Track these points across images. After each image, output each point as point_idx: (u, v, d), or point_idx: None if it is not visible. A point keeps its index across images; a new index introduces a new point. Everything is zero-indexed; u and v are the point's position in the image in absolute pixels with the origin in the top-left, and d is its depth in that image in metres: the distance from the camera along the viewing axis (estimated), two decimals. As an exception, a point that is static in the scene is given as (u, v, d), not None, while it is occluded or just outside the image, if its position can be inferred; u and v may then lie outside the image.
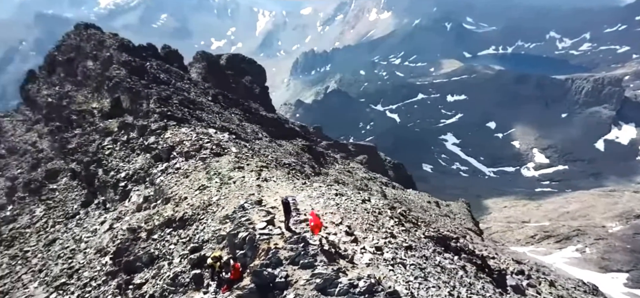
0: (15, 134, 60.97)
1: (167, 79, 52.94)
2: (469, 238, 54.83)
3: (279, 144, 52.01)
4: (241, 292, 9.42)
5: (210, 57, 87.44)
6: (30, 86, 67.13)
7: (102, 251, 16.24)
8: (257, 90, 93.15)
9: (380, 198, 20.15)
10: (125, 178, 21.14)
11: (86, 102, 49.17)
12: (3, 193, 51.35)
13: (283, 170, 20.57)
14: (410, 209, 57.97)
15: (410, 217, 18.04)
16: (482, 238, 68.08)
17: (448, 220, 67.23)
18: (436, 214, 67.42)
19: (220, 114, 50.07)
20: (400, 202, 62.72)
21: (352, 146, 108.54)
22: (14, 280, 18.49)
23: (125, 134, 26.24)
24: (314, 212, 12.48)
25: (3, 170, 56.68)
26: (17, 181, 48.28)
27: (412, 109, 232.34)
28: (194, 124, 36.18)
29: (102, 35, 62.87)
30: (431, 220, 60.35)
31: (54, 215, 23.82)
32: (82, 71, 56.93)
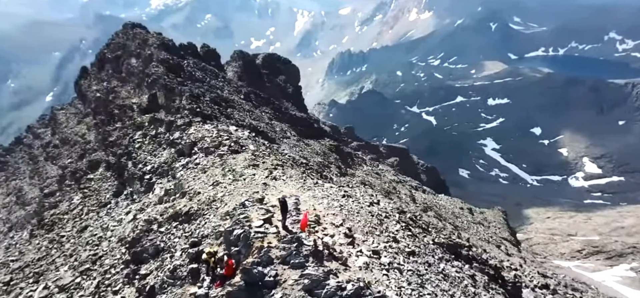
0: (68, 125, 66.00)
1: (202, 76, 55.11)
2: (504, 249, 52.34)
3: (306, 143, 52.47)
4: (231, 288, 9.69)
5: (247, 56, 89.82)
6: (83, 81, 72.22)
7: (123, 240, 17.31)
8: (290, 90, 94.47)
9: (389, 202, 19.78)
10: (150, 171, 22.34)
11: (128, 98, 52.32)
12: (54, 180, 55.90)
13: (298, 170, 20.79)
14: (438, 212, 56.30)
15: (421, 222, 17.57)
16: (518, 249, 64.68)
17: (481, 228, 64.53)
18: (468, 221, 64.94)
19: (250, 112, 51.37)
20: (430, 207, 61.17)
21: (384, 148, 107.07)
22: (48, 262, 20.23)
23: (154, 129, 27.75)
24: (307, 212, 12.57)
25: (56, 159, 61.68)
26: (66, 170, 52.39)
27: (450, 111, 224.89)
28: (222, 121, 37.43)
29: (146, 35, 66.53)
30: (463, 226, 58.28)
31: (88, 203, 25.73)
32: (127, 68, 60.58)
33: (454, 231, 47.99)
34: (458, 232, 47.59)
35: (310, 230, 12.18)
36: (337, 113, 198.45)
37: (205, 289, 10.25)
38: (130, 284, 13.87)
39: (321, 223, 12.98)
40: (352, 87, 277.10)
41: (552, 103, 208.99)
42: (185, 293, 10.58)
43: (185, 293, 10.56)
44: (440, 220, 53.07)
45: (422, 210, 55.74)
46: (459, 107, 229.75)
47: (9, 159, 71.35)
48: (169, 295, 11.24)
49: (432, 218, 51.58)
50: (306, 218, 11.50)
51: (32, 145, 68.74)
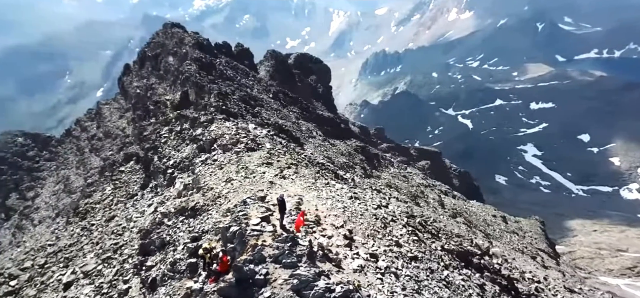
0: (111, 119, 70.20)
1: (233, 75, 56.70)
2: (540, 260, 49.52)
3: (332, 143, 52.49)
4: (223, 284, 9.92)
5: (279, 56, 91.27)
6: (125, 78, 76.41)
7: (142, 231, 18.22)
8: (320, 89, 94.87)
9: (399, 206, 19.27)
10: (173, 166, 23.32)
11: (164, 94, 54.87)
12: (96, 171, 59.68)
13: (312, 169, 20.85)
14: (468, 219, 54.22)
15: (431, 228, 17.02)
16: (557, 262, 60.96)
17: (515, 237, 61.52)
18: (501, 230, 62.17)
19: (278, 111, 52.18)
20: (459, 213, 59.19)
21: (415, 150, 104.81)
22: (78, 248, 21.74)
23: (180, 125, 28.93)
24: (304, 212, 12.56)
25: (99, 151, 65.86)
26: (106, 161, 55.82)
27: (488, 115, 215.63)
28: (248, 119, 38.29)
29: (182, 34, 69.40)
30: (495, 235, 55.85)
31: (118, 194, 27.32)
32: (164, 66, 63.52)
33: (485, 239, 46.12)
34: (489, 240, 45.69)
35: (308, 230, 12.20)
36: (368, 114, 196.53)
37: (200, 284, 10.55)
38: (137, 275, 14.55)
39: (321, 223, 12.96)
40: (385, 87, 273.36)
41: (603, 109, 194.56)
42: (182, 287, 10.95)
43: (183, 286, 10.94)
44: (470, 227, 51.18)
45: (450, 215, 54.05)
46: (498, 110, 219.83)
47: (60, 150, 77.09)
48: (168, 287, 11.69)
49: (461, 224, 49.92)
50: (299, 220, 11.53)
51: (79, 137, 73.83)
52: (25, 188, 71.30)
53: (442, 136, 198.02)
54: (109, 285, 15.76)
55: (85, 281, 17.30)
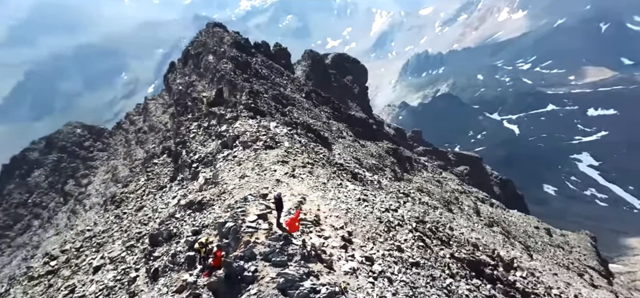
0: (155, 114, 74.49)
1: (267, 74, 57.90)
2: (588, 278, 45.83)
3: (362, 144, 51.97)
4: (213, 279, 10.20)
5: (316, 56, 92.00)
6: (170, 75, 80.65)
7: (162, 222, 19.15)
8: (356, 90, 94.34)
9: (409, 210, 18.54)
10: (198, 160, 24.33)
11: (202, 91, 57.31)
12: (139, 162, 63.62)
13: (328, 170, 20.80)
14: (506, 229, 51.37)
15: (442, 234, 16.28)
16: (609, 282, 56.09)
17: (560, 252, 57.44)
18: (544, 242, 58.30)
19: (309, 110, 52.58)
20: (497, 222, 56.38)
21: (453, 155, 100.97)
22: (109, 235, 23.38)
23: (207, 121, 30.08)
24: (299, 211, 12.54)
25: (143, 143, 70.21)
26: (148, 153, 59.34)
27: (538, 121, 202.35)
28: (276, 117, 38.94)
29: (222, 33, 72.03)
30: (536, 247, 52.54)
31: (150, 185, 28.99)
32: (204, 64, 66.30)
33: (524, 251, 43.45)
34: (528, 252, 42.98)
35: (305, 230, 12.20)
36: (407, 116, 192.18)
37: (195, 277, 10.91)
38: (146, 264, 15.32)
39: (320, 224, 12.91)
40: (426, 89, 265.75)
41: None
42: (179, 279, 11.37)
43: (179, 278, 11.36)
44: (508, 238, 48.57)
45: (485, 224, 51.63)
46: (549, 116, 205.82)
47: (111, 141, 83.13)
48: (167, 278, 12.22)
49: (497, 234, 47.53)
50: (296, 218, 11.55)
51: (128, 130, 79.16)
52: (81, 175, 77.64)
53: (485, 141, 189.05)
54: (123, 272, 16.79)
55: (110, 266, 18.55)
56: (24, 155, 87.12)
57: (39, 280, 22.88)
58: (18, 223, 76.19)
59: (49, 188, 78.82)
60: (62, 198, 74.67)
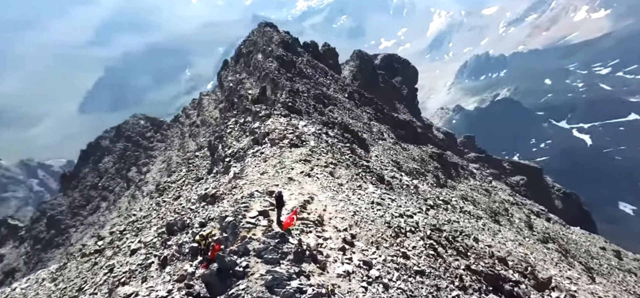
0: (208, 109, 78.80)
1: (311, 73, 58.57)
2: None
3: (403, 147, 50.55)
4: (206, 271, 10.58)
5: (365, 56, 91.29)
6: (223, 72, 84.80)
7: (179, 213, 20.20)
8: (404, 91, 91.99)
9: (426, 217, 17.49)
10: (230, 155, 25.33)
11: (249, 89, 59.54)
12: (192, 155, 67.59)
13: (351, 171, 20.53)
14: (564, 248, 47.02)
15: (460, 244, 15.20)
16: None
17: (631, 278, 51.35)
18: (611, 266, 52.49)
19: (350, 111, 52.30)
20: (553, 239, 52.09)
21: (509, 164, 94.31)
22: (148, 221, 25.25)
23: (244, 117, 31.15)
24: (296, 211, 12.48)
25: (195, 136, 74.60)
26: (198, 146, 62.92)
27: (616, 131, 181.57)
28: (314, 117, 39.27)
29: (272, 33, 74.15)
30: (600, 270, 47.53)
31: (189, 176, 30.76)
32: (253, 62, 68.79)
33: (585, 273, 39.46)
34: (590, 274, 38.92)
35: (305, 230, 12.18)
36: (461, 120, 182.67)
37: (194, 268, 11.38)
38: (163, 251, 16.24)
39: (324, 224, 12.80)
40: (484, 93, 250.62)
41: None
42: (181, 269, 11.93)
43: (181, 268, 11.91)
44: (565, 257, 44.60)
45: (539, 240, 47.82)
46: (631, 126, 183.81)
47: (169, 133, 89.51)
48: (172, 267, 12.87)
49: (552, 252, 43.88)
50: (292, 217, 11.56)
51: (183, 123, 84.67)
52: (142, 163, 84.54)
53: (549, 151, 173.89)
54: (145, 257, 18.02)
55: (144, 251, 20.01)
56: (98, 142, 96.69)
57: (88, 258, 25.46)
58: (89, 204, 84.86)
59: (116, 173, 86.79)
60: (125, 184, 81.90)
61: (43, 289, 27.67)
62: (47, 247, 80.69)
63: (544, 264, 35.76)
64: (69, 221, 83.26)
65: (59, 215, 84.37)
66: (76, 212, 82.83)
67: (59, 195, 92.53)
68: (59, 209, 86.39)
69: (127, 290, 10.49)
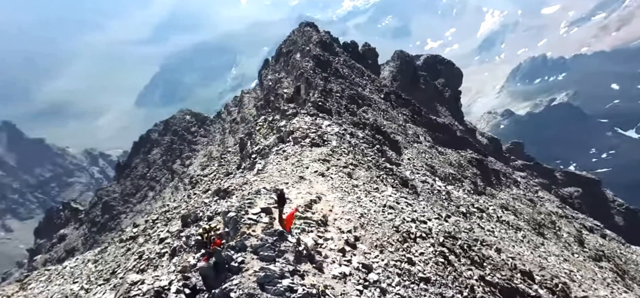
0: (248, 106, 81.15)
1: (347, 73, 58.19)
2: None
3: (440, 151, 48.68)
4: (204, 264, 10.82)
5: (406, 57, 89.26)
6: (263, 71, 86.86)
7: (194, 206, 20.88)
8: (447, 94, 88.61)
9: (441, 224, 16.46)
10: (256, 152, 25.87)
11: (286, 88, 60.47)
12: (223, 151, 69.74)
13: (371, 173, 20.06)
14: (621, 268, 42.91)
15: (476, 254, 14.17)
16: None
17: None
18: (676, 292, 47.16)
19: (384, 112, 51.30)
20: (608, 257, 48.01)
21: (562, 174, 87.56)
22: (177, 212, 26.49)
23: (272, 115, 31.63)
24: (295, 209, 12.32)
25: (235, 133, 77.10)
26: (236, 143, 64.75)
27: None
28: (344, 117, 39.00)
29: (312, 33, 74.67)
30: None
31: (220, 171, 31.83)
32: (292, 62, 69.77)
33: None
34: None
35: (307, 229, 12.05)
36: (510, 125, 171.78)
37: (195, 260, 11.67)
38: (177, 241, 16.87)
39: (327, 225, 12.59)
40: (538, 97, 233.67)
41: None
42: (185, 260, 12.30)
43: (185, 260, 12.27)
44: (621, 277, 40.81)
45: (590, 257, 44.11)
46: None
47: (211, 129, 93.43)
48: (178, 258, 13.31)
49: (606, 271, 40.36)
50: (291, 217, 11.47)
51: (224, 120, 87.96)
52: (185, 157, 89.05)
53: (612, 162, 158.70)
54: (163, 246, 18.86)
55: (169, 240, 21.03)
56: (149, 135, 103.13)
57: (124, 244, 27.30)
58: (138, 192, 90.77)
59: (162, 165, 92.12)
60: (169, 175, 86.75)
61: (86, 269, 29.94)
62: (101, 230, 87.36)
63: (593, 284, 32.68)
64: (121, 207, 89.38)
65: (112, 202, 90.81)
66: (127, 199, 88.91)
67: (114, 183, 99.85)
68: (113, 196, 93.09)
69: (134, 278, 10.99)
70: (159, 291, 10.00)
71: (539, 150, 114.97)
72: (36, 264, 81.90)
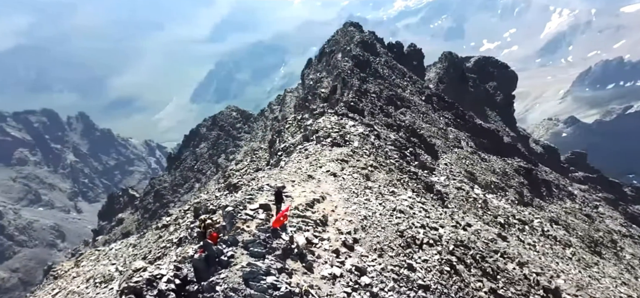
0: (289, 105, 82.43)
1: (387, 74, 56.87)
2: None
3: (482, 158, 45.83)
4: (197, 256, 11.03)
5: (455, 58, 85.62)
6: (306, 70, 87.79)
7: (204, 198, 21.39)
8: (498, 98, 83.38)
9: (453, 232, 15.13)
10: (282, 149, 26.13)
11: (325, 87, 60.57)
12: (256, 147, 71.07)
13: (391, 175, 19.29)
14: None
15: (489, 266, 12.89)
16: None
17: None
18: None
19: (424, 115, 49.40)
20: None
21: (633, 189, 78.38)
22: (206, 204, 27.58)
23: (302, 114, 31.70)
24: (287, 208, 12.04)
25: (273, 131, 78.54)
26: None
27: None
28: (378, 118, 38.14)
29: (354, 32, 74.07)
30: None
31: (251, 166, 32.55)
32: (333, 62, 69.76)
33: None
34: None
35: (302, 227, 11.83)
36: (573, 133, 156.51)
37: (192, 251, 11.93)
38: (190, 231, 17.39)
39: (327, 225, 12.25)
40: (609, 104, 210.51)
41: None
42: (185, 251, 12.63)
43: (186, 251, 12.60)
44: None
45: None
46: None
47: (255, 126, 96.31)
48: (182, 249, 13.65)
49: None
50: (282, 215, 11.30)
51: (267, 117, 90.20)
52: (229, 151, 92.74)
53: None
54: (176, 236, 19.58)
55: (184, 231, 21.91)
56: (198, 129, 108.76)
57: (157, 231, 29.00)
58: (186, 183, 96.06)
59: (208, 159, 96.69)
60: (215, 169, 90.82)
61: (126, 252, 32.18)
62: (152, 217, 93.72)
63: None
64: (170, 197, 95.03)
65: (163, 191, 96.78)
66: (175, 189, 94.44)
67: (165, 173, 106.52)
68: (164, 185, 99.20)
69: (138, 265, 11.51)
70: (151, 279, 10.34)
71: (609, 162, 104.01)
72: (97, 244, 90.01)
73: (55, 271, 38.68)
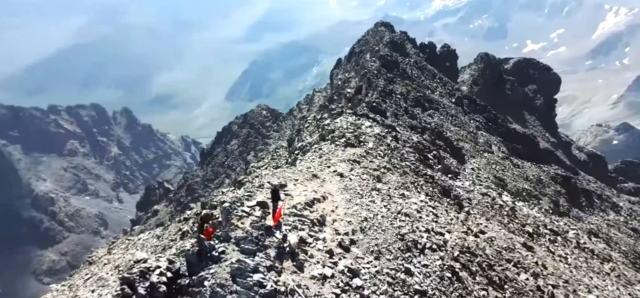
0: (317, 105, 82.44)
1: (416, 75, 55.39)
2: None
3: (515, 164, 43.46)
4: (190, 250, 11.15)
5: (492, 60, 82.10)
6: (335, 70, 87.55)
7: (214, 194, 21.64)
8: (538, 101, 78.95)
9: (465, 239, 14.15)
10: (299, 148, 26.09)
11: (351, 88, 60.04)
12: (278, 146, 71.37)
13: (404, 178, 18.63)
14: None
15: (496, 275, 11.96)
16: None
17: None
18: None
19: (453, 117, 47.65)
20: None
21: (690, 206, 71.21)
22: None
23: (321, 114, 31.49)
24: (282, 206, 11.82)
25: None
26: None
27: None
28: (401, 119, 37.22)
29: (384, 32, 72.88)
30: None
31: (271, 164, 32.93)
32: (362, 62, 69.02)
33: None
34: None
35: (298, 226, 11.64)
36: (626, 141, 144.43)
37: (189, 246, 12.10)
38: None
39: (324, 224, 11.98)
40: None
41: None
42: (183, 244, 12.84)
43: (183, 244, 12.81)
44: None
45: None
46: None
47: (283, 125, 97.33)
48: (185, 241, 13.88)
49: None
50: (279, 215, 11.15)
51: (295, 116, 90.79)
52: (258, 149, 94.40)
53: None
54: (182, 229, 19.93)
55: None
56: (230, 126, 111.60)
57: (178, 223, 29.94)
58: (216, 179, 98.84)
59: (238, 155, 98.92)
60: (244, 166, 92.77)
61: (151, 242, 33.47)
62: (183, 210, 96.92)
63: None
64: (201, 191, 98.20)
65: (195, 185, 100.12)
66: (206, 183, 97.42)
67: (198, 168, 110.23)
68: (196, 180, 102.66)
69: (138, 256, 11.85)
70: (144, 271, 10.57)
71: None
72: (134, 233, 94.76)
73: (90, 257, 41.09)
